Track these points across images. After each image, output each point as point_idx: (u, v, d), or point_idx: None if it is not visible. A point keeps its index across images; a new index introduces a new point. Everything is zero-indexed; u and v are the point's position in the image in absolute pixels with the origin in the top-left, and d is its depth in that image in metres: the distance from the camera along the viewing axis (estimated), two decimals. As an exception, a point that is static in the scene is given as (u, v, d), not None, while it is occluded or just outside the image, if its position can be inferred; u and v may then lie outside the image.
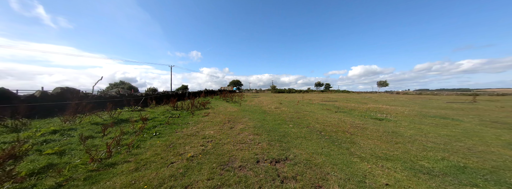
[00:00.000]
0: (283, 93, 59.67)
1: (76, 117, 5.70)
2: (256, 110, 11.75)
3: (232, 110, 11.33)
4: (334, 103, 17.76)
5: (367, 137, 5.26)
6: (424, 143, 4.63)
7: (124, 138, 4.36)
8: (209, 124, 6.85)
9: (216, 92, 32.92)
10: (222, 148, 4.07)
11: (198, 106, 11.84)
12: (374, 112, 10.38)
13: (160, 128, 5.83)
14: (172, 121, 7.23)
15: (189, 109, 10.64)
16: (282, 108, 12.32)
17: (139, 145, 3.94)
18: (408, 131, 5.99)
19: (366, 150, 4.24)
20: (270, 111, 11.14)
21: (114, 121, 6.30)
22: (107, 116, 6.72)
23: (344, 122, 7.27)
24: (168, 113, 9.18)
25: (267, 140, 4.83)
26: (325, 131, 5.97)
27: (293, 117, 8.79)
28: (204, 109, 11.56)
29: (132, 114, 8.49)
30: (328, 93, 57.16)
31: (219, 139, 4.86)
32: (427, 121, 7.88)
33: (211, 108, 12.04)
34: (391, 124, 7.14)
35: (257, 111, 10.96)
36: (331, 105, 15.19)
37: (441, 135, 5.43)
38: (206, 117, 8.41)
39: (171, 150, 3.78)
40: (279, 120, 8.11)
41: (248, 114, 9.79)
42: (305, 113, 10.30)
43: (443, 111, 11.03)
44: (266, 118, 8.58)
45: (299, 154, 3.96)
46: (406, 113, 9.76)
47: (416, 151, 4.05)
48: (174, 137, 4.81)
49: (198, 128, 6.08)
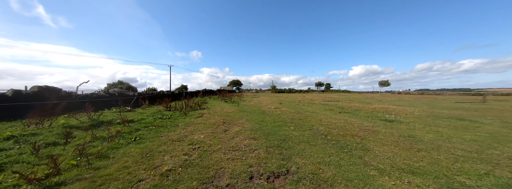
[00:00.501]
0: (284, 93, 58.92)
1: (44, 120, 4.98)
2: (254, 110, 11.04)
3: (229, 110, 10.62)
4: (337, 102, 17.03)
5: (381, 142, 4.54)
6: (451, 150, 3.90)
7: (93, 145, 3.65)
8: (201, 126, 6.14)
9: (215, 92, 32.22)
10: (210, 158, 3.36)
11: (193, 106, 11.14)
12: (382, 113, 9.66)
13: (143, 132, 5.13)
14: (160, 122, 6.53)
15: (183, 109, 9.94)
16: (282, 108, 11.61)
17: (108, 155, 3.23)
18: (426, 134, 5.26)
19: (383, 159, 3.52)
20: (270, 111, 10.43)
21: (93, 123, 5.59)
22: (86, 117, 6.00)
23: (351, 124, 6.54)
24: (159, 114, 8.48)
25: (264, 145, 4.12)
26: (331, 135, 5.25)
27: (294, 118, 8.07)
28: (199, 109, 10.85)
29: (119, 115, 7.79)
30: (329, 93, 56.37)
31: (208, 145, 4.15)
32: (442, 122, 7.15)
33: (207, 108, 11.33)
34: (404, 127, 6.41)
35: (255, 112, 10.26)
36: (333, 105, 14.47)
37: (466, 140, 4.70)
38: (199, 118, 7.70)
39: (146, 161, 3.06)
40: (279, 121, 7.40)
41: (246, 114, 9.09)
42: (306, 113, 9.58)
43: (456, 111, 10.30)
44: (265, 119, 7.88)
45: (302, 164, 3.25)
46: (416, 114, 9.02)
47: (447, 161, 3.33)
48: (155, 143, 4.10)
49: (188, 131, 5.37)
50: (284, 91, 73.39)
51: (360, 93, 67.63)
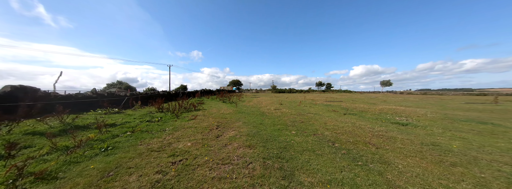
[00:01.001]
0: (284, 93, 58.12)
1: (1, 125, 4.26)
2: (253, 111, 10.32)
3: (226, 111, 9.90)
4: (340, 103, 16.28)
5: (401, 152, 3.80)
6: (493, 164, 3.15)
7: (46, 159, 2.93)
8: (191, 130, 5.42)
9: (213, 92, 31.50)
10: (191, 176, 2.64)
11: (187, 107, 10.43)
12: (390, 115, 8.91)
13: (121, 139, 4.40)
14: (146, 126, 5.81)
15: (175, 110, 9.22)
16: (283, 109, 10.88)
17: (57, 174, 2.51)
18: (450, 142, 4.51)
19: (411, 177, 2.78)
20: (269, 112, 9.70)
21: (65, 128, 4.87)
22: (57, 121, 5.28)
23: (361, 128, 5.80)
24: (148, 116, 7.76)
25: (262, 157, 3.40)
26: (339, 142, 4.52)
27: (295, 121, 7.34)
28: (194, 110, 10.13)
29: (102, 117, 7.07)
30: (330, 93, 55.52)
31: (194, 156, 3.43)
32: (462, 126, 6.39)
33: (203, 110, 10.61)
34: (421, 131, 5.67)
35: (254, 113, 9.54)
36: (337, 106, 13.72)
37: (503, 149, 3.95)
38: (191, 121, 6.98)
39: (103, 184, 2.34)
40: (279, 125, 6.68)
41: (244, 116, 8.37)
42: (309, 115, 8.85)
43: (471, 113, 9.55)
44: (264, 122, 7.15)
45: (309, 185, 2.52)
46: (429, 116, 8.27)
47: (498, 183, 2.58)
48: (129, 154, 3.37)
49: (174, 138, 4.65)
50: (284, 91, 72.60)
51: (361, 93, 66.74)
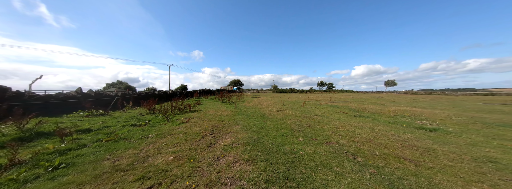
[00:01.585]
0: (285, 93, 57.08)
1: None
2: (254, 113, 9.40)
3: (225, 113, 9.00)
4: (346, 104, 15.29)
5: (455, 174, 2.82)
6: None
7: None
8: (179, 137, 4.52)
9: (213, 92, 30.64)
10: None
11: (182, 108, 9.54)
12: (409, 117, 7.92)
13: (87, 150, 3.50)
14: (127, 132, 4.90)
15: (168, 112, 8.33)
16: (286, 111, 9.94)
17: None
18: (508, 156, 3.54)
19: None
20: (271, 114, 8.78)
21: (24, 136, 3.98)
22: (14, 127, 4.37)
23: (384, 136, 4.84)
24: (135, 119, 6.86)
25: (264, 178, 2.48)
26: (362, 154, 3.56)
27: (301, 124, 6.41)
28: (189, 112, 9.23)
29: (81, 121, 6.19)
30: (332, 93, 54.32)
31: (172, 178, 2.52)
32: (503, 132, 5.39)
33: (199, 111, 9.71)
34: (459, 140, 4.67)
35: (255, 115, 8.62)
36: (344, 107, 12.73)
37: None
38: (183, 125, 6.08)
39: None
40: (283, 129, 5.76)
41: (243, 118, 7.45)
42: (316, 118, 7.90)
43: (499, 115, 8.52)
44: (266, 126, 6.22)
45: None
46: (455, 119, 7.26)
47: None
48: (80, 179, 2.46)
49: (154, 148, 3.74)
50: (285, 91, 71.59)
51: (365, 93, 65.45)
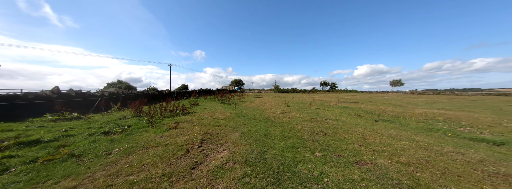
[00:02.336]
0: (287, 93, 55.66)
1: None
2: (255, 115, 8.22)
3: (222, 115, 7.83)
4: (357, 105, 13.99)
5: None
6: None
7: None
8: (154, 153, 3.36)
9: (213, 92, 29.52)
10: None
11: (174, 110, 8.39)
12: (444, 123, 6.64)
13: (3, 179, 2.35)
14: (85, 145, 3.75)
15: (155, 115, 7.18)
16: (292, 113, 8.74)
17: None
18: None
19: None
20: (276, 117, 7.59)
21: None
22: None
23: (440, 154, 3.54)
24: (112, 124, 5.73)
25: None
26: None
27: (314, 131, 5.21)
28: (182, 114, 8.08)
29: (41, 128, 5.05)
30: (336, 93, 52.72)
31: None
32: None
33: (193, 113, 8.56)
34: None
35: (256, 118, 7.44)
36: (356, 109, 11.45)
37: None
38: (169, 132, 4.93)
39: None
40: (292, 137, 4.57)
41: (243, 122, 6.27)
42: (330, 122, 6.68)
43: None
44: (270, 132, 5.03)
45: None
46: (508, 126, 5.93)
47: None
48: None
49: (108, 175, 2.58)
50: (287, 91, 70.24)
51: (370, 93, 63.65)
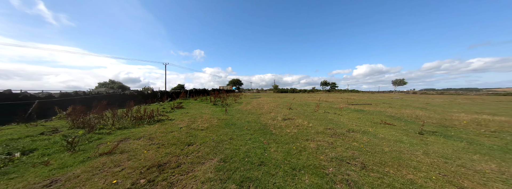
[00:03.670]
0: (287, 93, 53.54)
1: None
2: (250, 122, 6.13)
3: (205, 124, 5.74)
4: (372, 107, 11.95)
5: None
6: None
7: None
8: None
9: (207, 92, 27.36)
10: None
11: (140, 117, 6.27)
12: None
13: None
14: None
15: (97, 126, 5.07)
16: (297, 120, 6.69)
17: None
18: None
19: None
20: (276, 126, 5.51)
21: None
22: None
23: None
24: (13, 144, 3.61)
25: None
26: None
27: (341, 158, 3.15)
28: (147, 124, 5.97)
29: None
30: (338, 93, 50.69)
31: None
32: None
33: (167, 121, 6.47)
34: None
35: (250, 127, 5.35)
36: (376, 113, 9.40)
37: None
38: (92, 162, 2.85)
39: None
40: (305, 170, 2.49)
41: (231, 136, 4.17)
42: (357, 137, 4.63)
43: None
44: (268, 158, 2.93)
45: None
46: None
47: None
48: None
49: None
50: (287, 91, 68.18)
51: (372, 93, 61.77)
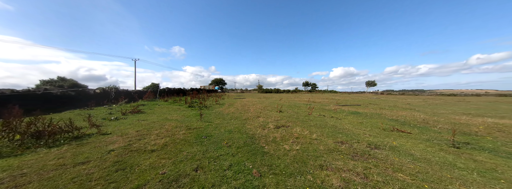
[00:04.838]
0: (272, 93, 52.55)
1: None
2: (231, 132, 4.29)
3: (162, 139, 3.72)
4: (362, 109, 11.04)
5: None
6: None
7: None
8: None
9: (185, 92, 24.59)
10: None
11: (53, 132, 3.97)
12: None
13: None
14: None
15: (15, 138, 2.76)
16: (294, 128, 5.09)
17: None
18: None
19: None
20: (268, 139, 3.78)
21: None
22: None
23: None
24: None
25: None
26: None
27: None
28: (65, 141, 3.74)
29: None
30: (319, 94, 51.43)
31: None
32: None
33: (97, 136, 4.28)
34: None
35: (232, 141, 3.52)
36: (375, 116, 8.32)
37: None
38: None
39: None
40: None
41: (200, 159, 2.28)
42: (396, 163, 3.14)
43: None
44: None
45: None
46: None
47: None
48: None
49: None
50: (271, 91, 67.59)
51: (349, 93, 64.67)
